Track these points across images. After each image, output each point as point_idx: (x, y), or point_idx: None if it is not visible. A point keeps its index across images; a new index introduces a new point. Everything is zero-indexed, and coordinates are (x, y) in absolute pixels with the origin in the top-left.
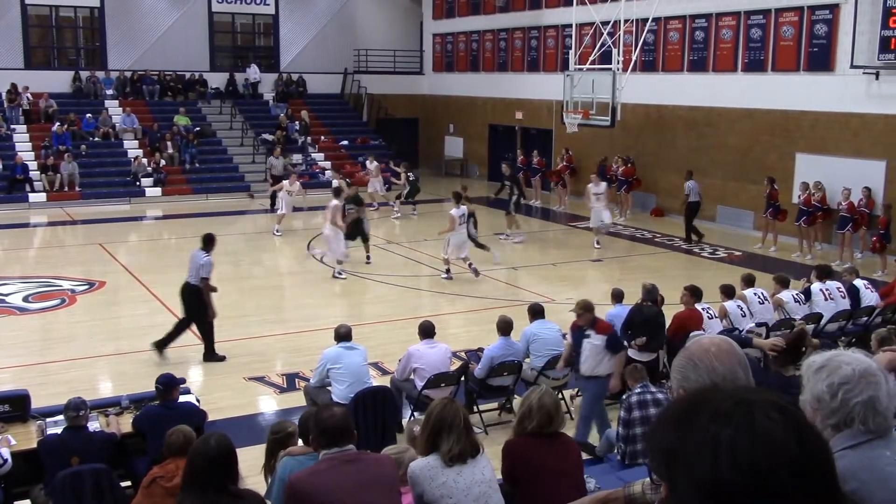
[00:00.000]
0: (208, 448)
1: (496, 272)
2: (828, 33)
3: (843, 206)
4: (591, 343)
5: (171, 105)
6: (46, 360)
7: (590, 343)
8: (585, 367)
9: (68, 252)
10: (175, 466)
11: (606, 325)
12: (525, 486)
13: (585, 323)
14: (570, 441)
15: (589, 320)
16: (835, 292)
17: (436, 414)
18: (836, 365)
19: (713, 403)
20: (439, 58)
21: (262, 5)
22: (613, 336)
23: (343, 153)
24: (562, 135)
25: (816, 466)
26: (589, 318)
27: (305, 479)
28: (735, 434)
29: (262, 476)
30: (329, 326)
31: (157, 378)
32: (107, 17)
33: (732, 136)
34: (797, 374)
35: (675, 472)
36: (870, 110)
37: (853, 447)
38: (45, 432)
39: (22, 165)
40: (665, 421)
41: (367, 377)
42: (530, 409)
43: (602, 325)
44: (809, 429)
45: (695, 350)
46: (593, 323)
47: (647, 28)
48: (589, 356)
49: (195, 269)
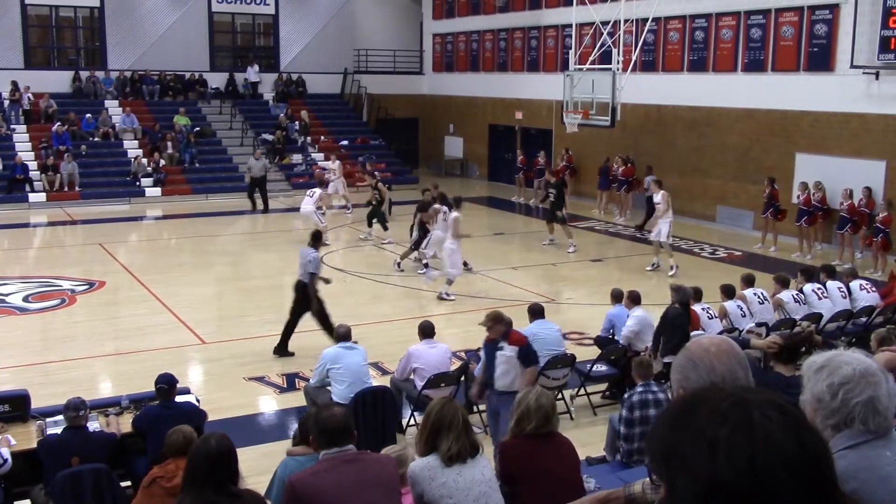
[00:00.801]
0: (208, 448)
1: (496, 272)
2: (828, 33)
3: (844, 207)
4: (505, 355)
5: (171, 105)
6: (46, 360)
7: (504, 356)
8: (502, 382)
9: (68, 252)
10: (175, 466)
11: (520, 337)
12: (524, 487)
13: (497, 335)
14: (566, 440)
15: (501, 332)
16: (834, 292)
17: (435, 414)
18: (837, 365)
19: (711, 403)
20: (439, 58)
21: (262, 5)
22: (526, 348)
23: (343, 153)
24: (562, 135)
25: (815, 466)
26: (500, 331)
27: (305, 480)
28: (732, 433)
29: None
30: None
31: (157, 378)
32: (107, 17)
33: (732, 136)
34: (797, 375)
35: (674, 472)
36: (870, 110)
37: (853, 447)
38: (45, 432)
39: (22, 165)
40: (664, 421)
41: (367, 377)
42: (528, 409)
43: (515, 336)
44: (808, 428)
45: (694, 350)
46: (506, 335)
47: (647, 28)
48: (505, 370)
49: (304, 265)
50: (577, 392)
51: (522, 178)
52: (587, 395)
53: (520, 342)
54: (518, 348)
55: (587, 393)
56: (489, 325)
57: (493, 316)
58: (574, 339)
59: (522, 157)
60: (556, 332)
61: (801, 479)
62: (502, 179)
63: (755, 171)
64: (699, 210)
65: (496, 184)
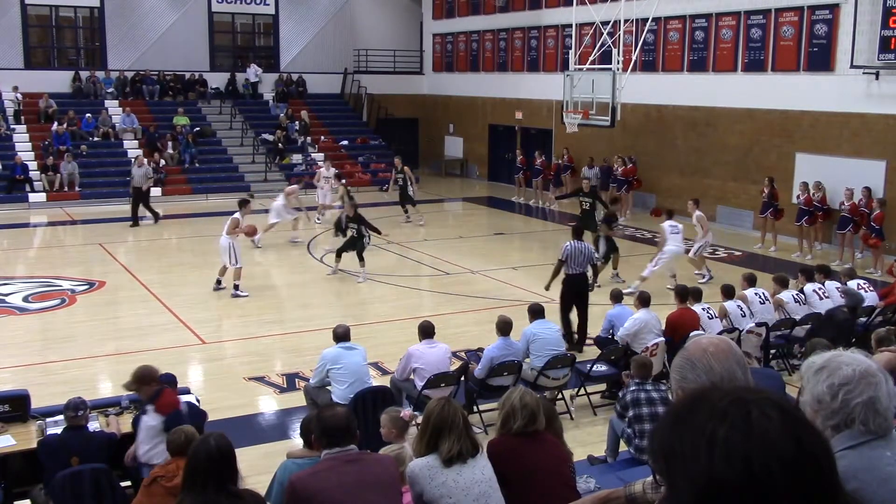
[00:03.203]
0: (208, 448)
1: (496, 272)
2: (828, 33)
3: (845, 207)
4: (147, 423)
5: (171, 105)
6: (46, 360)
7: (146, 424)
8: (144, 455)
9: (68, 252)
10: (176, 466)
11: (172, 401)
12: (516, 486)
13: (146, 398)
14: (553, 440)
15: (149, 394)
16: (833, 292)
17: (435, 414)
18: (836, 366)
19: (711, 402)
20: (439, 58)
21: (262, 5)
22: (175, 416)
23: (343, 153)
24: (562, 135)
25: (814, 465)
26: (149, 392)
27: (306, 479)
28: (730, 431)
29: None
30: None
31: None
32: (107, 17)
33: (732, 136)
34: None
35: (674, 471)
36: (870, 110)
37: (853, 447)
38: (45, 432)
39: (22, 165)
40: (665, 421)
41: (367, 377)
42: (514, 408)
43: (165, 400)
44: (808, 427)
45: (693, 350)
46: (154, 396)
47: (647, 28)
48: (148, 441)
49: (585, 260)
50: (577, 392)
51: (522, 178)
52: (587, 395)
53: (168, 409)
54: (164, 417)
55: (587, 393)
56: (133, 387)
57: (138, 375)
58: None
59: (522, 157)
60: (557, 332)
61: (798, 479)
62: (502, 179)
63: (755, 171)
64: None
65: (496, 184)
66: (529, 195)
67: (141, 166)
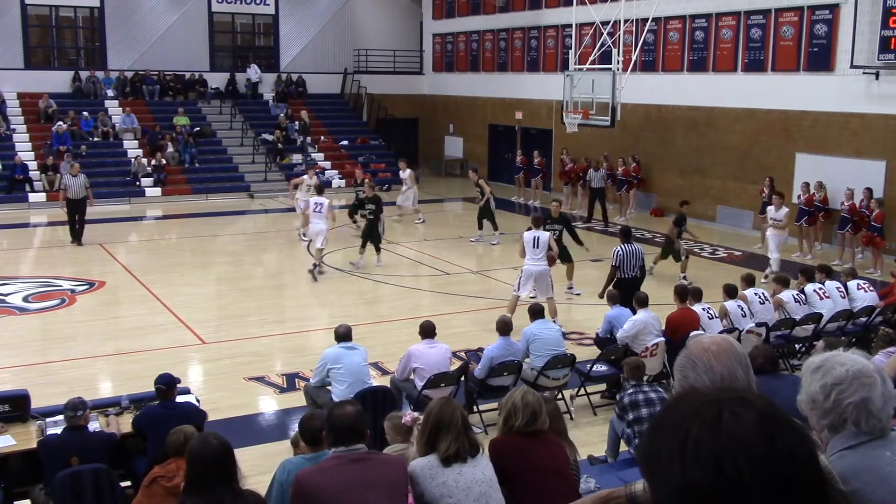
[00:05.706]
0: (209, 447)
1: (496, 272)
2: (828, 33)
3: (845, 207)
4: None
5: (171, 105)
6: (46, 360)
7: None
8: None
9: (68, 252)
10: (176, 466)
11: None
12: (517, 485)
13: None
14: (555, 439)
15: None
16: (833, 292)
17: (434, 414)
18: (831, 366)
19: (687, 404)
20: (439, 58)
21: (262, 5)
22: None
23: (343, 153)
24: (562, 135)
25: (788, 465)
26: None
27: (311, 476)
28: (700, 433)
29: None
30: (329, 326)
31: (157, 378)
32: (107, 17)
33: (732, 136)
34: None
35: (654, 477)
36: (870, 110)
37: (853, 448)
38: (45, 432)
39: (22, 165)
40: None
41: (367, 377)
42: (515, 407)
43: None
44: (786, 426)
45: (694, 349)
46: None
47: (646, 28)
48: None
49: (637, 262)
50: (577, 392)
51: (522, 178)
52: (587, 396)
53: None
54: None
55: (587, 393)
56: None
57: None
58: (574, 339)
59: (522, 157)
60: (557, 331)
61: (769, 478)
62: (502, 179)
63: (755, 171)
64: (699, 210)
65: (496, 184)
66: (529, 195)
67: (76, 175)
